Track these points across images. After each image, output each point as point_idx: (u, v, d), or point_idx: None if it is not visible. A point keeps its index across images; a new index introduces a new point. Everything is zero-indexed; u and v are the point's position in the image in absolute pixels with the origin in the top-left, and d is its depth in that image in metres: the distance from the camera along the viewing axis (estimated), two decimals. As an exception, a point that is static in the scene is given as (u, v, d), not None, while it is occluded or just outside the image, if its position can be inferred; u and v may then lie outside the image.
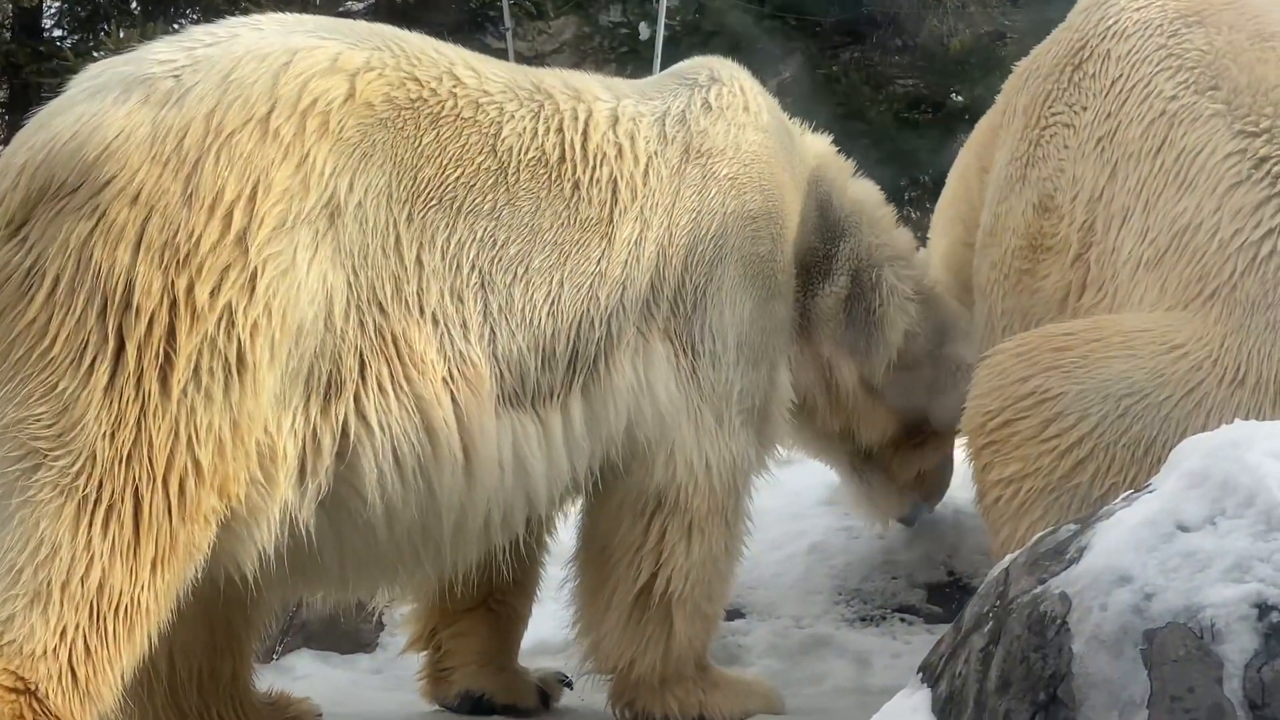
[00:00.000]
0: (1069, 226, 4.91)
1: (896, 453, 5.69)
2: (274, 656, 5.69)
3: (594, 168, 4.56)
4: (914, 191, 12.61)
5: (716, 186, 4.81)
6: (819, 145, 5.48)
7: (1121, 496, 3.56)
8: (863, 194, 5.50)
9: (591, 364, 4.51)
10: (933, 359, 5.53)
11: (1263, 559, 3.19)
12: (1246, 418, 4.06)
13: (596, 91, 4.74)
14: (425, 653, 5.36)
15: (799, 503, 6.55)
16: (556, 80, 4.70)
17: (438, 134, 4.33)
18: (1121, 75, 4.93)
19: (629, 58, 13.10)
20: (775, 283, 4.99)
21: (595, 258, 4.51)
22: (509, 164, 4.42)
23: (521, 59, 12.46)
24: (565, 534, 5.18)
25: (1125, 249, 4.65)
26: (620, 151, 4.64)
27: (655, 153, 4.72)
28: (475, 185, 4.35)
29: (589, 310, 4.49)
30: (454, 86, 4.43)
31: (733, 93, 4.98)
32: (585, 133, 4.58)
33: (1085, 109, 5.01)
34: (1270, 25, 4.81)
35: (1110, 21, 5.04)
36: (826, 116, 5.77)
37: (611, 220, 4.55)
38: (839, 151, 5.52)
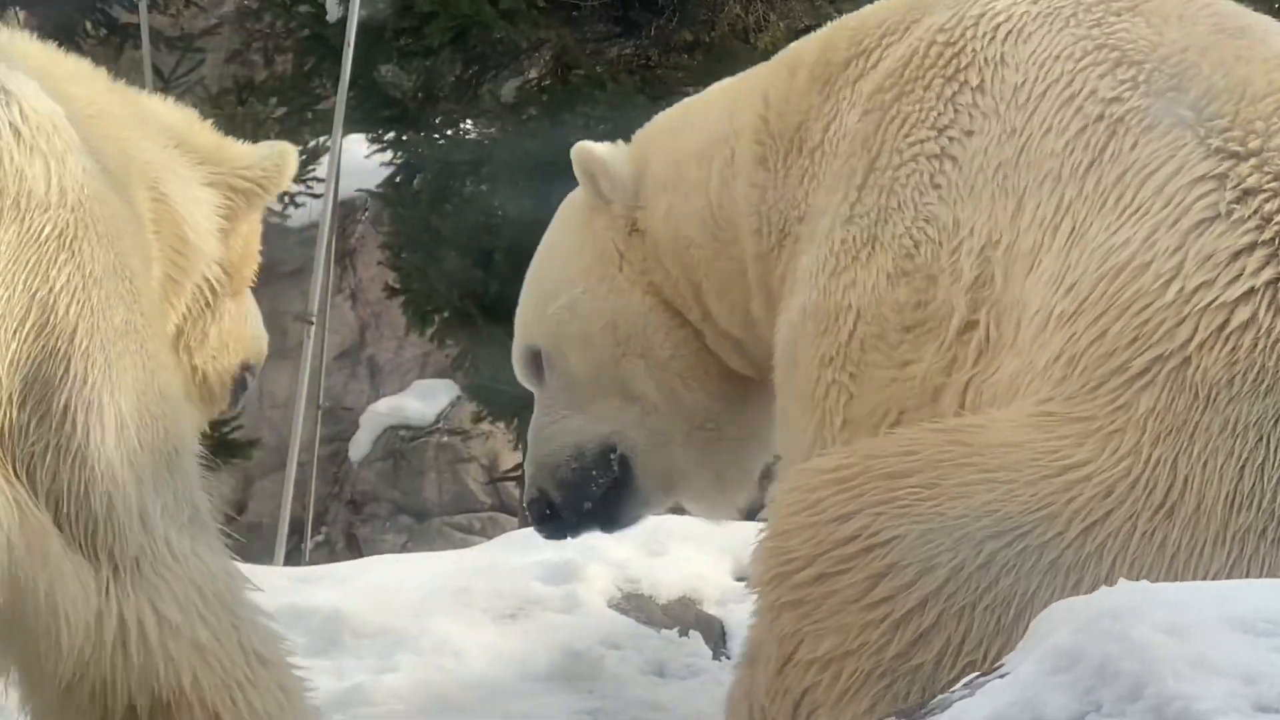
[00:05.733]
0: (950, 288, 4.24)
1: None
2: None
3: None
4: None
5: (38, 253, 4.06)
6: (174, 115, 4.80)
7: (963, 682, 3.10)
8: (175, 117, 4.80)
9: None
10: None
11: (1151, 774, 2.61)
12: (1172, 562, 3.57)
13: None
14: None
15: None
16: None
17: None
18: (1027, 79, 4.31)
19: (311, 45, 11.05)
20: (147, 351, 4.26)
21: None
22: None
23: (162, 41, 10.96)
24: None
25: (1034, 302, 4.01)
26: None
27: None
28: None
29: None
30: None
31: (38, 109, 4.11)
32: None
33: (972, 132, 4.36)
34: (1229, 20, 4.22)
35: (998, 18, 4.37)
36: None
37: None
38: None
